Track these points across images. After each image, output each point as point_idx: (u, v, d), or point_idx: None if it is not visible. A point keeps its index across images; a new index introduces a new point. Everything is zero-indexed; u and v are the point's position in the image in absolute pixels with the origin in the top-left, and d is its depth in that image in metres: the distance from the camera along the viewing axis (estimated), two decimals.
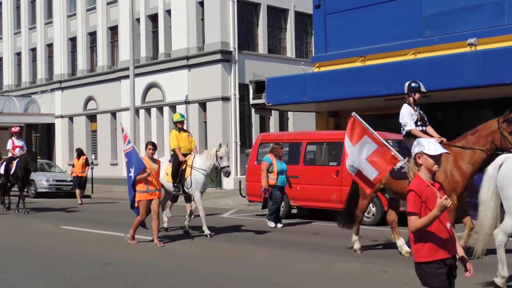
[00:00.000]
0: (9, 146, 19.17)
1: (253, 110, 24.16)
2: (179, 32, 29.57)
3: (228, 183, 26.97)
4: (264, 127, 29.09)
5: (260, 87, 20.45)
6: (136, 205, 11.43)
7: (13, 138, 19.39)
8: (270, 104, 20.30)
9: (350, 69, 18.96)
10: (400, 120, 9.93)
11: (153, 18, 31.52)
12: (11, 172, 18.39)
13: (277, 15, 30.91)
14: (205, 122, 28.69)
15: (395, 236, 10.29)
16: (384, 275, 8.48)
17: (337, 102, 19.20)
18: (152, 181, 11.34)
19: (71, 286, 8.12)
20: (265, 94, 20.08)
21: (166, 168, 13.04)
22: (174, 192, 13.21)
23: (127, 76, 28.97)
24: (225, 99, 27.63)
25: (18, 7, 41.63)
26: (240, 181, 19.52)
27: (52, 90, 38.09)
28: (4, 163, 18.82)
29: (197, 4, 28.93)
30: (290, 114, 29.75)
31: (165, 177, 12.91)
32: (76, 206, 20.94)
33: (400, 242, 10.05)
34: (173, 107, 29.81)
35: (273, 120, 29.30)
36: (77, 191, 22.32)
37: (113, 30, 34.22)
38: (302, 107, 21.56)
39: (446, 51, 17.22)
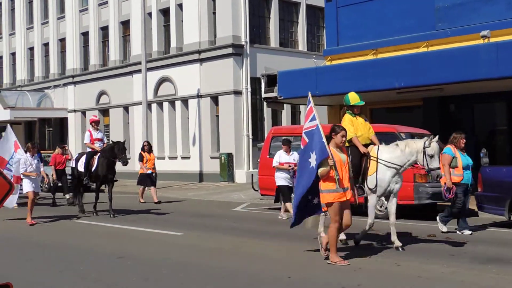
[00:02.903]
0: (86, 139, 16.13)
1: (265, 103, 24.17)
2: (190, 26, 29.59)
3: (240, 176, 27.02)
4: (276, 120, 29.08)
5: (272, 80, 20.44)
6: (324, 209, 8.97)
7: (90, 129, 16.25)
8: (282, 98, 20.29)
9: (362, 62, 18.89)
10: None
11: (165, 12, 31.55)
12: (93, 169, 15.66)
13: (288, 8, 30.84)
14: (217, 116, 28.71)
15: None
16: (397, 268, 8.47)
17: None
18: (342, 176, 8.61)
19: (84, 279, 8.17)
20: (277, 88, 20.07)
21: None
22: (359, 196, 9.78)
23: (139, 71, 29.04)
24: (237, 93, 27.63)
25: (30, 2, 41.83)
26: (252, 175, 19.54)
27: (65, 84, 38.28)
28: (83, 159, 16.08)
29: None
30: (302, 107, 29.70)
31: None
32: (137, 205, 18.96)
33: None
34: (185, 101, 29.88)
35: (285, 114, 29.29)
36: (152, 189, 19.30)
37: (125, 25, 34.30)
38: (314, 100, 21.40)
39: (459, 44, 17.13)
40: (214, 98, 28.67)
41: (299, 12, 31.18)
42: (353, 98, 10.37)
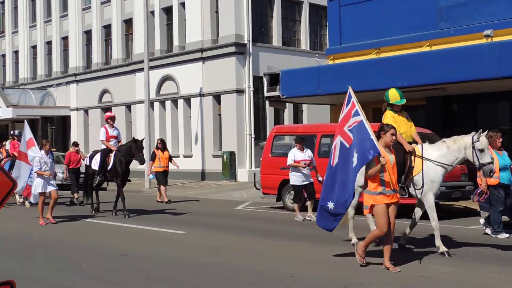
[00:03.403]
0: (102, 136, 15.48)
1: (267, 102, 24.14)
2: (193, 24, 29.59)
3: (242, 175, 27.02)
4: (278, 119, 29.07)
5: (274, 79, 20.43)
6: (367, 212, 8.33)
7: (106, 126, 15.67)
8: (284, 97, 20.28)
9: (365, 61, 18.87)
10: None
11: (168, 10, 31.56)
12: (108, 167, 15.19)
13: (291, 7, 30.82)
14: (220, 115, 28.72)
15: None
16: (400, 267, 8.45)
17: None
18: (389, 178, 8.02)
19: (87, 277, 8.18)
20: (280, 87, 20.06)
21: None
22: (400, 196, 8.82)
23: (141, 69, 29.05)
24: (240, 91, 27.63)
25: (33, 1, 41.87)
26: (254, 174, 19.54)
27: (68, 83, 38.31)
28: (97, 157, 15.63)
29: None
30: (304, 106, 29.71)
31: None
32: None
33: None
34: (187, 99, 29.89)
35: (288, 113, 29.27)
36: (162, 188, 18.78)
37: (128, 23, 34.32)
38: (316, 99, 21.51)
39: (462, 43, 17.10)
40: (217, 97, 28.67)
41: (302, 11, 31.16)
42: (393, 96, 9.83)
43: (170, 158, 19.32)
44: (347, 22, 21.21)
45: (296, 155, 14.30)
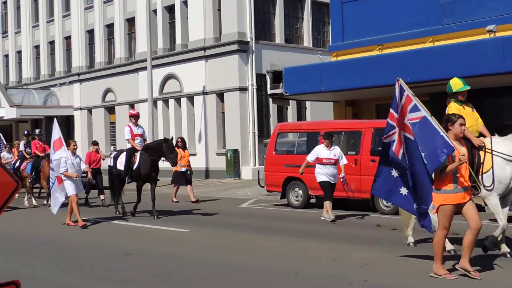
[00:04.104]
0: (127, 135, 14.78)
1: (270, 100, 24.14)
2: (196, 23, 29.58)
3: (246, 173, 27.02)
4: (281, 117, 29.04)
5: (277, 77, 20.42)
6: (435, 211, 7.50)
7: (130, 124, 15.00)
8: (287, 94, 20.27)
9: (368, 58, 18.84)
10: None
11: (170, 9, 31.54)
12: (134, 167, 14.50)
13: (293, 5, 30.78)
14: (223, 112, 28.71)
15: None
16: (404, 263, 8.45)
17: (354, 91, 19.12)
18: (463, 174, 7.31)
19: (91, 277, 8.20)
20: (283, 84, 20.04)
21: None
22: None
23: (144, 68, 29.04)
24: (243, 89, 27.62)
25: (36, 1, 41.89)
26: (258, 171, 19.54)
27: (71, 82, 38.34)
28: (122, 157, 14.83)
29: None
30: (308, 103, 29.67)
31: None
32: None
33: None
34: (190, 98, 29.89)
35: (291, 110, 29.24)
36: (189, 187, 18.43)
37: (130, 22, 34.32)
38: (319, 96, 21.49)
39: (465, 39, 17.05)
40: (220, 95, 28.66)
41: (304, 8, 31.11)
42: (456, 83, 8.98)
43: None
44: (349, 19, 21.17)
45: (320, 152, 13.31)
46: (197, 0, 29.44)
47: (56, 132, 13.46)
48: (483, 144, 8.65)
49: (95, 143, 18.76)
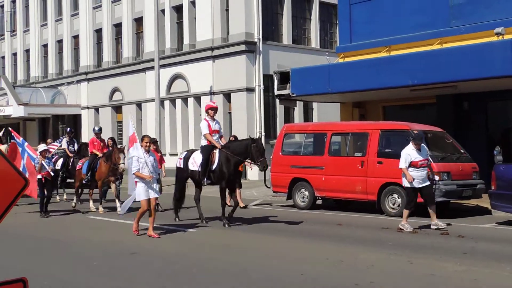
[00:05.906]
0: (205, 130, 13.01)
1: (277, 101, 24.12)
2: (203, 23, 29.60)
3: (252, 174, 27.01)
4: (288, 118, 29.04)
5: (284, 77, 20.41)
6: None
7: (207, 118, 13.28)
8: (294, 95, 20.26)
9: (375, 59, 18.82)
10: None
11: (178, 9, 31.59)
12: (213, 167, 12.77)
13: (301, 5, 30.77)
14: (230, 113, 28.73)
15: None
16: (410, 265, 8.45)
17: (362, 93, 19.10)
18: None
19: (98, 274, 8.22)
20: (290, 85, 20.04)
21: None
22: None
23: (152, 68, 29.10)
24: (250, 90, 27.63)
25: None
26: (264, 172, 19.52)
27: (78, 81, 38.45)
28: (195, 156, 13.15)
29: None
30: (314, 105, 29.65)
31: None
32: None
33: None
34: (197, 98, 29.91)
35: (298, 111, 29.24)
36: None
37: (138, 22, 34.39)
38: (327, 97, 21.47)
39: (473, 41, 17.01)
40: (227, 95, 28.68)
41: (312, 9, 31.10)
42: None
43: None
44: (357, 20, 21.15)
45: (411, 154, 11.99)
46: (205, 0, 29.48)
47: (131, 128, 12.44)
48: None
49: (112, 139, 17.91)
